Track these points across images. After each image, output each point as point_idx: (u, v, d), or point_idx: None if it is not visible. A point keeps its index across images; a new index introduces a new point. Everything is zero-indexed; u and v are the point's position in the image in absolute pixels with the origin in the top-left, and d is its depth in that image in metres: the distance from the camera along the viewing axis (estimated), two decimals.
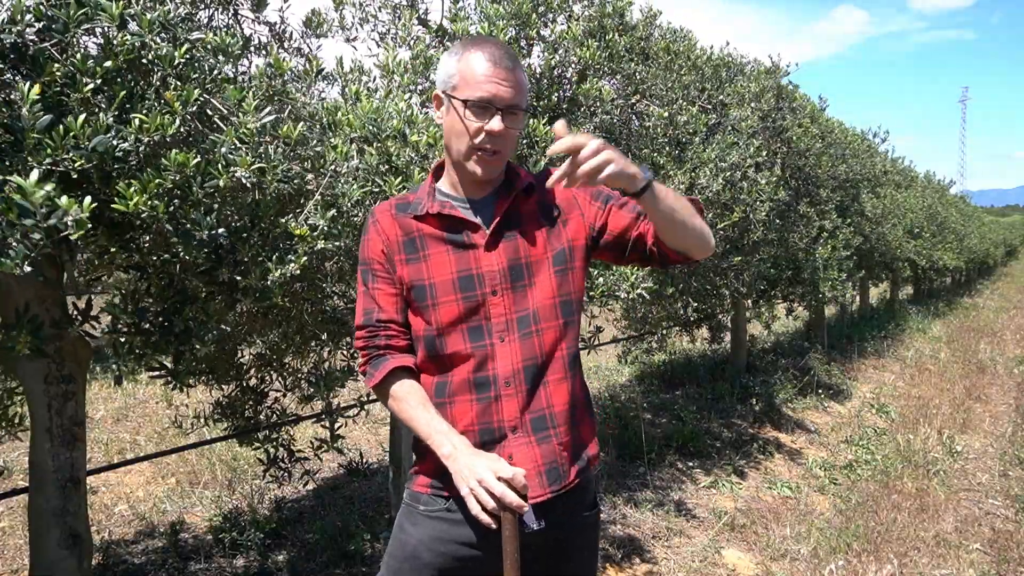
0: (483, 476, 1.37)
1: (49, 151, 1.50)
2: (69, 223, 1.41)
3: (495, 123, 1.45)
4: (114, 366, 1.95)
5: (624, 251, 1.60)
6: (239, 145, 1.77)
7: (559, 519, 1.54)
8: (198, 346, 1.98)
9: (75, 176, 1.57)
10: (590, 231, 1.59)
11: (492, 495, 1.36)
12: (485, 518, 1.38)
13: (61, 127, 1.51)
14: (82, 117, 1.53)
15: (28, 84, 1.46)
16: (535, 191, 1.58)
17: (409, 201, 1.58)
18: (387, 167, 2.15)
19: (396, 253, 1.54)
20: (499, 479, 1.37)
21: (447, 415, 1.52)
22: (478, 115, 1.46)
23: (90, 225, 1.46)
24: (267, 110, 1.82)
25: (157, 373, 2.18)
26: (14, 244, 1.40)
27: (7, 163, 1.47)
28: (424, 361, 1.56)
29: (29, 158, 1.48)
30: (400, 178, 2.10)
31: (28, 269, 1.41)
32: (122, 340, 1.92)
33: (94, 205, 1.46)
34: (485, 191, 1.57)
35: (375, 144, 2.15)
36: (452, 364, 1.53)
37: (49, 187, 1.40)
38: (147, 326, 1.95)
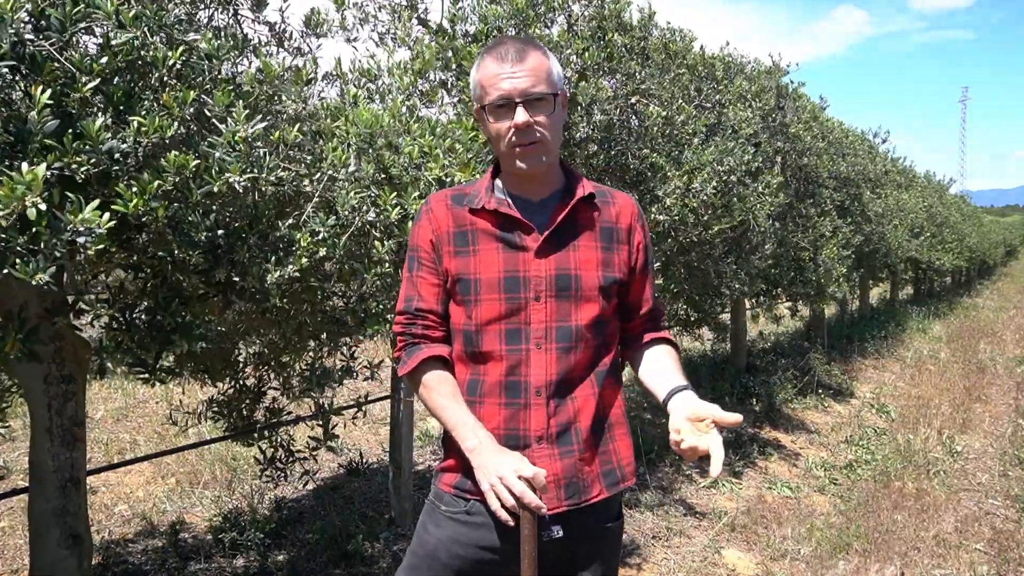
0: (504, 473, 1.39)
1: (57, 155, 1.49)
2: (91, 238, 1.41)
3: (518, 116, 1.45)
4: (97, 362, 1.94)
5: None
6: (231, 150, 1.77)
7: (579, 532, 1.54)
8: (184, 345, 1.96)
9: (79, 180, 1.56)
10: (627, 273, 1.60)
11: (512, 492, 1.37)
12: (504, 514, 1.39)
13: (71, 131, 1.51)
14: (100, 120, 1.53)
15: (41, 89, 1.45)
16: (596, 204, 1.57)
17: (466, 193, 1.58)
18: (383, 176, 2.14)
19: (445, 244, 1.54)
20: (520, 478, 1.38)
21: (475, 414, 1.52)
22: (501, 116, 1.47)
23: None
24: (257, 119, 1.81)
25: (138, 370, 2.16)
26: (39, 255, 1.40)
27: (8, 164, 1.47)
28: (461, 355, 1.57)
29: (35, 161, 1.47)
30: (394, 193, 2.08)
31: (47, 279, 1.41)
32: (109, 337, 1.91)
33: (110, 223, 1.46)
34: (544, 192, 1.56)
35: (370, 152, 2.14)
36: (487, 363, 1.53)
37: (92, 207, 1.40)
38: (137, 323, 1.94)
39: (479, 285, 1.51)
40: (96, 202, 1.43)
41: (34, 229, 1.38)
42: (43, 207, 1.35)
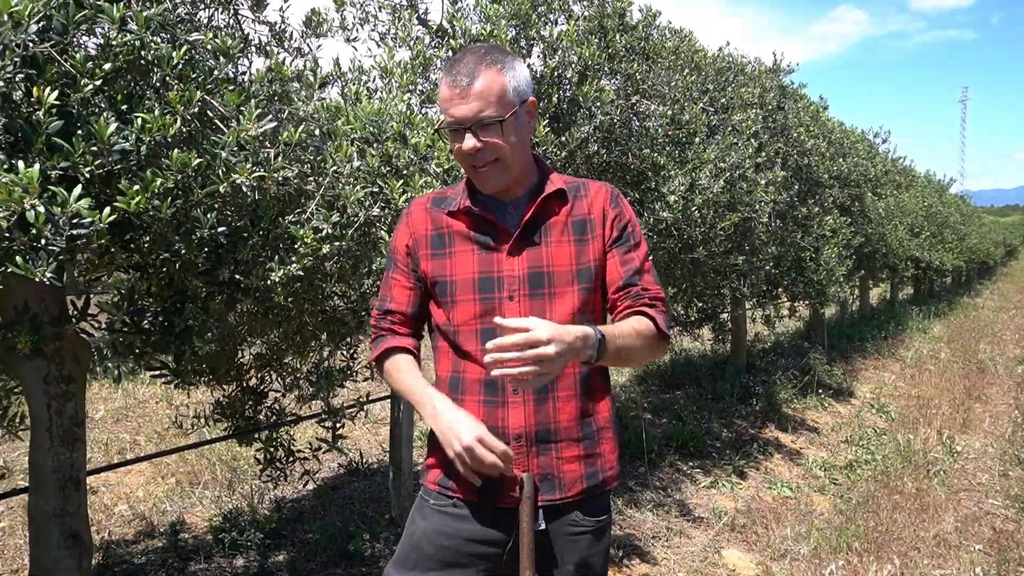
0: (469, 443, 1.45)
1: (64, 154, 1.49)
2: (91, 232, 1.42)
3: (467, 143, 1.47)
4: (110, 365, 1.95)
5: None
6: (239, 150, 1.77)
7: (562, 528, 1.57)
8: (199, 345, 1.98)
9: (83, 179, 1.56)
10: (602, 256, 1.59)
11: (483, 462, 1.44)
12: (474, 476, 1.47)
13: (78, 132, 1.51)
14: (112, 126, 1.53)
15: (48, 89, 1.46)
16: (567, 198, 1.57)
17: (446, 196, 1.62)
18: (388, 169, 2.15)
19: (422, 248, 1.59)
20: (485, 446, 1.45)
21: None
22: (455, 138, 1.50)
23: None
24: (268, 117, 1.81)
25: (158, 372, 2.17)
26: (41, 253, 1.41)
27: (10, 166, 1.47)
28: (446, 351, 1.62)
29: (38, 161, 1.47)
30: (401, 181, 2.10)
31: (50, 276, 1.42)
32: (121, 339, 1.92)
33: (111, 217, 1.47)
34: (517, 191, 1.58)
35: (376, 145, 2.14)
36: (467, 361, 1.57)
37: (86, 201, 1.41)
38: (147, 325, 1.95)
39: (455, 287, 1.55)
40: (80, 192, 1.44)
41: (34, 230, 1.39)
42: (42, 209, 1.36)
